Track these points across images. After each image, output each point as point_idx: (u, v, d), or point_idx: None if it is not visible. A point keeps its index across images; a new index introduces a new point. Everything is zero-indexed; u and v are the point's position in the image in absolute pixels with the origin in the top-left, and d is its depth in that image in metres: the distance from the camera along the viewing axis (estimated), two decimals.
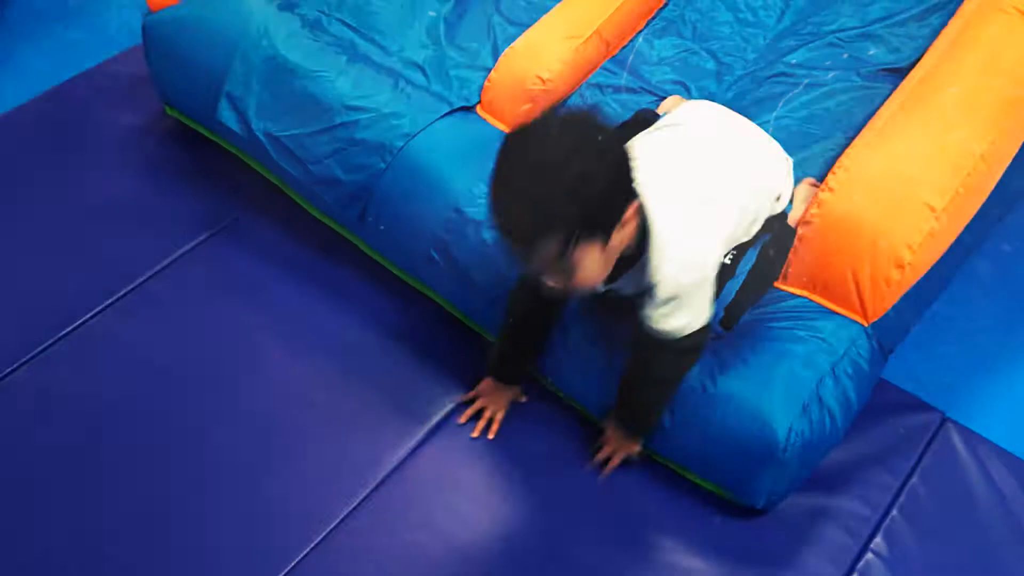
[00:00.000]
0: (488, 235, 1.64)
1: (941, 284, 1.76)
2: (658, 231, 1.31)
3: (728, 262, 1.50)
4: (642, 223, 1.29)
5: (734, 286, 1.55)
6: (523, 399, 1.68)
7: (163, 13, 2.01)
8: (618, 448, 1.59)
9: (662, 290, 1.33)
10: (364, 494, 1.57)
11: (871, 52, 1.92)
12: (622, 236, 1.25)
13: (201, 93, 1.95)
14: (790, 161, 1.57)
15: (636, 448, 1.59)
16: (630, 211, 1.24)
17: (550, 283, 1.27)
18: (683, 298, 1.34)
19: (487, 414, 1.65)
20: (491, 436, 1.64)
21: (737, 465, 1.51)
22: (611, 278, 1.34)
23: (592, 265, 1.24)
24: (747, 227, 1.48)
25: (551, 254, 1.20)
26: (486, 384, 1.67)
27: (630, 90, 1.91)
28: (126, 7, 2.51)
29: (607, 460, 1.60)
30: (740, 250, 1.52)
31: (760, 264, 1.59)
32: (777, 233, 1.60)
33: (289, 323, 1.80)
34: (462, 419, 1.66)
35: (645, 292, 1.35)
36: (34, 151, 2.07)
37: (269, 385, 1.71)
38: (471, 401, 1.67)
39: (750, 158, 1.51)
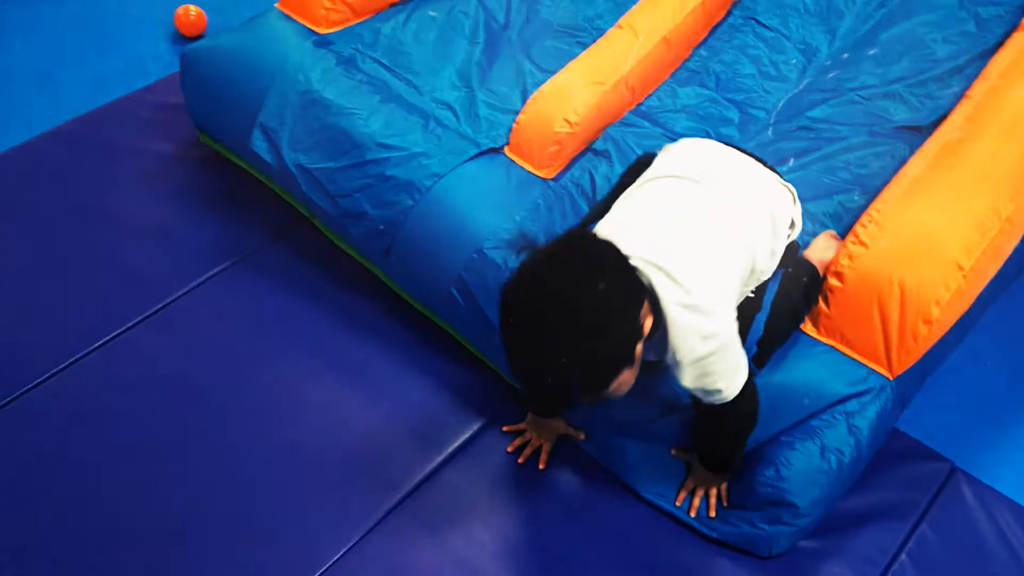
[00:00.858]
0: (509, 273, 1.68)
1: (959, 338, 1.79)
2: (668, 311, 1.29)
3: (752, 295, 1.51)
4: (653, 302, 1.28)
5: (762, 318, 1.58)
6: (580, 436, 1.68)
7: (201, 44, 2.07)
8: (702, 484, 1.59)
9: (687, 367, 1.32)
10: (379, 516, 1.60)
11: (891, 110, 1.97)
12: (645, 334, 1.27)
13: (235, 122, 2.00)
14: (793, 190, 1.59)
15: (723, 483, 1.59)
16: (644, 311, 1.25)
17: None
18: (710, 367, 1.33)
19: (534, 443, 1.67)
20: (541, 466, 1.66)
21: (756, 531, 1.55)
22: None
23: (626, 382, 1.28)
24: (766, 260, 1.48)
25: (587, 403, 1.28)
26: (531, 417, 1.69)
27: (653, 137, 1.96)
28: (161, 40, 2.58)
29: (694, 495, 1.60)
30: (759, 290, 1.54)
31: (782, 301, 1.60)
32: (795, 269, 1.62)
33: (309, 347, 1.83)
34: (509, 448, 1.68)
35: (668, 363, 1.35)
36: (70, 173, 2.13)
37: (287, 405, 1.74)
38: (520, 432, 1.70)
39: (754, 193, 1.49)
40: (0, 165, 2.12)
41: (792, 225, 1.57)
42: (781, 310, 1.59)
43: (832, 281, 1.62)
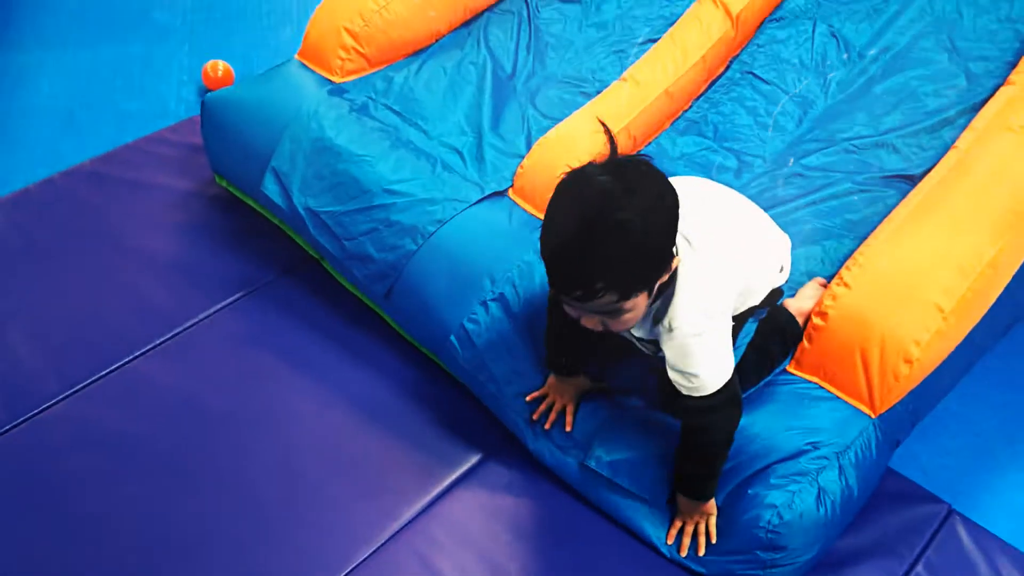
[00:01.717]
0: (509, 325, 1.74)
1: (952, 382, 1.82)
2: (682, 275, 1.38)
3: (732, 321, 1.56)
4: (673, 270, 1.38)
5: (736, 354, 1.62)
6: (603, 384, 1.71)
7: (222, 92, 2.16)
8: (689, 518, 1.61)
9: (677, 338, 1.39)
10: (377, 545, 1.63)
11: (883, 159, 2.03)
12: (660, 284, 1.35)
13: (250, 166, 2.08)
14: (787, 239, 1.67)
15: (710, 513, 1.60)
16: (673, 264, 1.34)
17: (588, 324, 1.35)
18: (696, 346, 1.40)
19: (557, 407, 1.70)
20: (568, 428, 1.68)
21: (734, 550, 1.57)
22: None
23: (636, 312, 1.33)
24: (756, 290, 1.55)
25: (602, 306, 1.29)
26: (551, 380, 1.71)
27: None
28: (185, 84, 2.68)
29: (683, 534, 1.62)
30: (739, 320, 1.58)
31: (757, 342, 1.65)
32: (773, 314, 1.67)
33: (316, 381, 1.88)
34: (535, 415, 1.70)
35: (658, 332, 1.42)
36: (88, 207, 2.20)
37: (292, 436, 1.78)
38: (541, 399, 1.71)
39: (759, 223, 1.61)
40: (23, 198, 2.21)
41: (781, 269, 1.63)
42: (753, 359, 1.63)
43: (816, 320, 1.67)
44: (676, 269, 1.37)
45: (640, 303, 1.32)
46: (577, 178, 1.30)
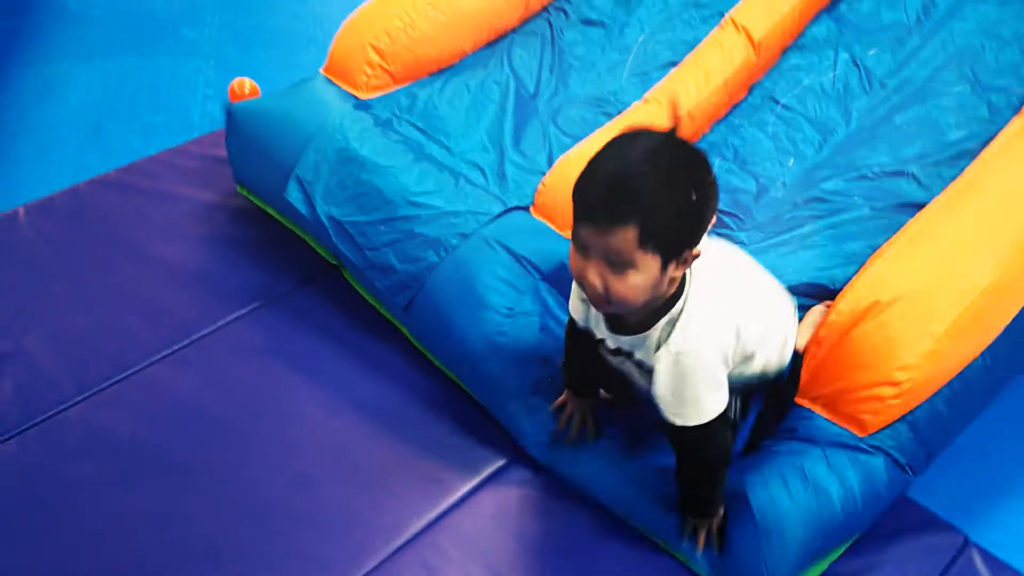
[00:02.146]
0: (526, 341, 1.75)
1: (972, 412, 1.79)
2: (692, 298, 1.38)
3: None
4: (682, 282, 1.37)
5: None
6: (609, 397, 1.72)
7: (247, 103, 2.19)
8: (698, 524, 1.60)
9: (674, 357, 1.38)
10: (384, 556, 1.61)
11: (903, 188, 2.03)
12: (672, 276, 1.31)
13: (273, 176, 2.09)
14: (794, 303, 1.67)
15: (715, 521, 1.59)
16: (693, 253, 1.31)
17: (591, 280, 1.29)
18: (698, 369, 1.38)
19: (578, 420, 1.69)
20: (591, 438, 1.69)
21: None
22: (631, 328, 1.41)
23: (641, 281, 1.27)
24: (753, 355, 1.52)
25: (619, 243, 1.24)
26: (568, 393, 1.71)
27: None
28: (210, 99, 2.72)
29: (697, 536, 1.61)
30: (739, 393, 1.58)
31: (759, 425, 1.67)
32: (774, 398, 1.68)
33: (330, 389, 1.87)
34: (559, 426, 1.70)
35: (655, 357, 1.40)
36: (110, 215, 2.23)
37: (305, 443, 1.78)
38: (562, 408, 1.72)
39: (771, 291, 1.61)
40: (47, 205, 2.23)
41: (785, 344, 1.62)
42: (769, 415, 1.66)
43: (811, 348, 1.67)
44: (686, 289, 1.37)
45: (651, 269, 1.27)
46: (639, 130, 1.30)
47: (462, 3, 2.28)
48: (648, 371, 1.45)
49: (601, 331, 1.50)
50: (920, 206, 1.97)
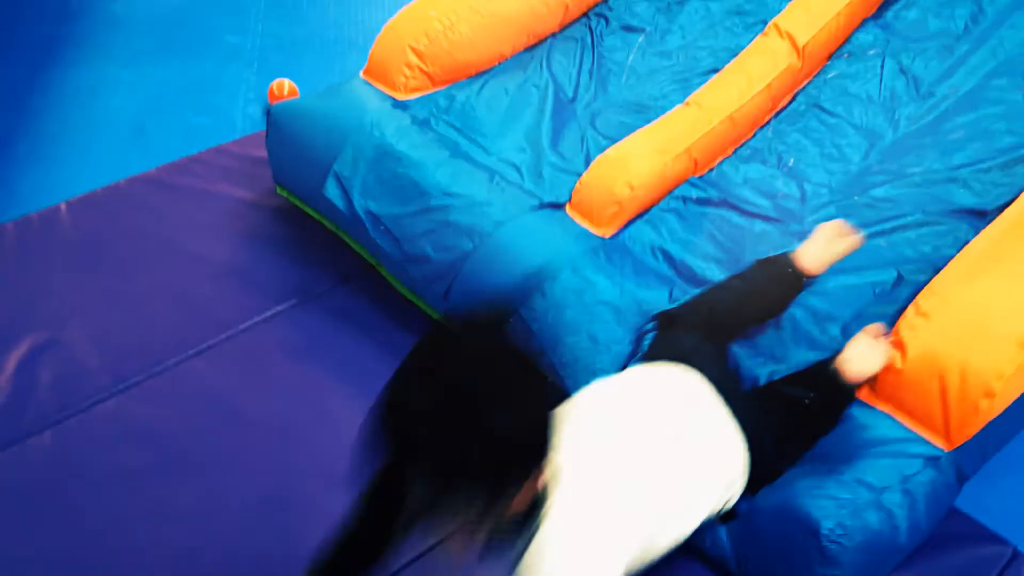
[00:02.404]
0: (566, 315, 1.71)
1: (1022, 420, 1.74)
2: (556, 512, 1.12)
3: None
4: (538, 498, 1.11)
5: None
6: None
7: (286, 104, 2.20)
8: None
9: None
10: (413, 556, 1.59)
11: (954, 194, 1.98)
12: (518, 501, 1.06)
13: (311, 175, 2.09)
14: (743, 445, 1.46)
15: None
16: (533, 482, 1.06)
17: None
18: None
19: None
20: None
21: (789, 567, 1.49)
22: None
23: (455, 511, 1.03)
24: (686, 522, 1.35)
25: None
26: None
27: (713, 203, 2.00)
28: (251, 102, 2.74)
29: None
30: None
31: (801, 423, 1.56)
32: (827, 393, 1.56)
33: (364, 387, 1.83)
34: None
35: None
36: (153, 212, 2.25)
37: (337, 440, 1.74)
38: None
39: (703, 445, 1.39)
40: (89, 201, 2.25)
41: (731, 483, 1.43)
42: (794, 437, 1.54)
43: (892, 353, 1.61)
44: (544, 501, 1.12)
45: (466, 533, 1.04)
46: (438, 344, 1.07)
47: (502, 7, 2.27)
48: None
49: None
50: (974, 212, 1.92)
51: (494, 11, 2.26)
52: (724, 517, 1.52)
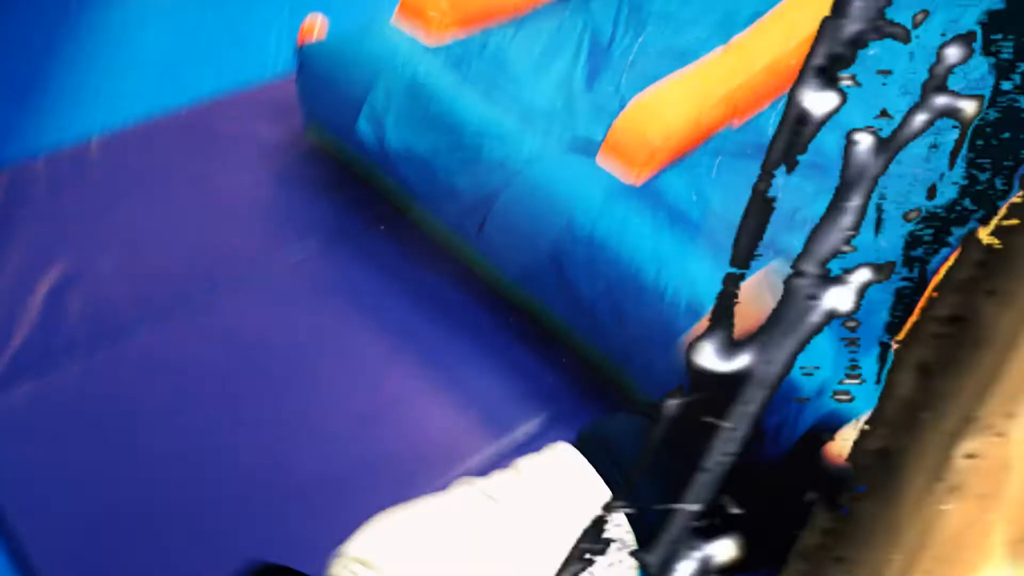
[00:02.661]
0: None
1: None
2: None
3: None
4: None
5: None
6: None
7: (318, 43, 2.18)
8: None
9: None
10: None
11: None
12: None
13: (342, 115, 2.08)
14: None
15: None
16: None
17: None
18: None
19: None
20: None
21: None
22: None
23: None
24: None
25: None
26: None
27: (748, 156, 1.96)
28: (284, 40, 2.71)
29: None
30: None
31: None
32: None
33: (390, 329, 1.87)
34: None
35: None
36: (185, 150, 2.25)
37: (359, 380, 1.77)
38: None
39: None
40: (122, 137, 2.26)
41: None
42: None
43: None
44: None
45: None
46: None
47: None
48: None
49: None
50: None
51: None
52: None
